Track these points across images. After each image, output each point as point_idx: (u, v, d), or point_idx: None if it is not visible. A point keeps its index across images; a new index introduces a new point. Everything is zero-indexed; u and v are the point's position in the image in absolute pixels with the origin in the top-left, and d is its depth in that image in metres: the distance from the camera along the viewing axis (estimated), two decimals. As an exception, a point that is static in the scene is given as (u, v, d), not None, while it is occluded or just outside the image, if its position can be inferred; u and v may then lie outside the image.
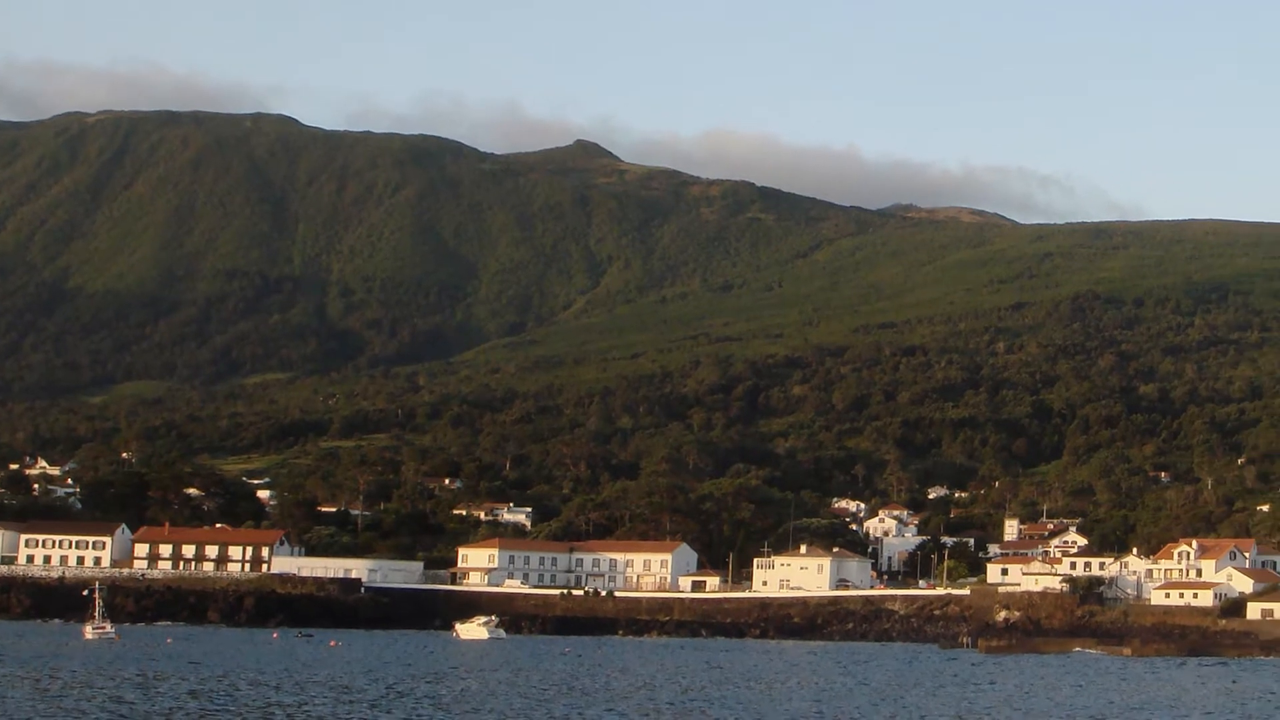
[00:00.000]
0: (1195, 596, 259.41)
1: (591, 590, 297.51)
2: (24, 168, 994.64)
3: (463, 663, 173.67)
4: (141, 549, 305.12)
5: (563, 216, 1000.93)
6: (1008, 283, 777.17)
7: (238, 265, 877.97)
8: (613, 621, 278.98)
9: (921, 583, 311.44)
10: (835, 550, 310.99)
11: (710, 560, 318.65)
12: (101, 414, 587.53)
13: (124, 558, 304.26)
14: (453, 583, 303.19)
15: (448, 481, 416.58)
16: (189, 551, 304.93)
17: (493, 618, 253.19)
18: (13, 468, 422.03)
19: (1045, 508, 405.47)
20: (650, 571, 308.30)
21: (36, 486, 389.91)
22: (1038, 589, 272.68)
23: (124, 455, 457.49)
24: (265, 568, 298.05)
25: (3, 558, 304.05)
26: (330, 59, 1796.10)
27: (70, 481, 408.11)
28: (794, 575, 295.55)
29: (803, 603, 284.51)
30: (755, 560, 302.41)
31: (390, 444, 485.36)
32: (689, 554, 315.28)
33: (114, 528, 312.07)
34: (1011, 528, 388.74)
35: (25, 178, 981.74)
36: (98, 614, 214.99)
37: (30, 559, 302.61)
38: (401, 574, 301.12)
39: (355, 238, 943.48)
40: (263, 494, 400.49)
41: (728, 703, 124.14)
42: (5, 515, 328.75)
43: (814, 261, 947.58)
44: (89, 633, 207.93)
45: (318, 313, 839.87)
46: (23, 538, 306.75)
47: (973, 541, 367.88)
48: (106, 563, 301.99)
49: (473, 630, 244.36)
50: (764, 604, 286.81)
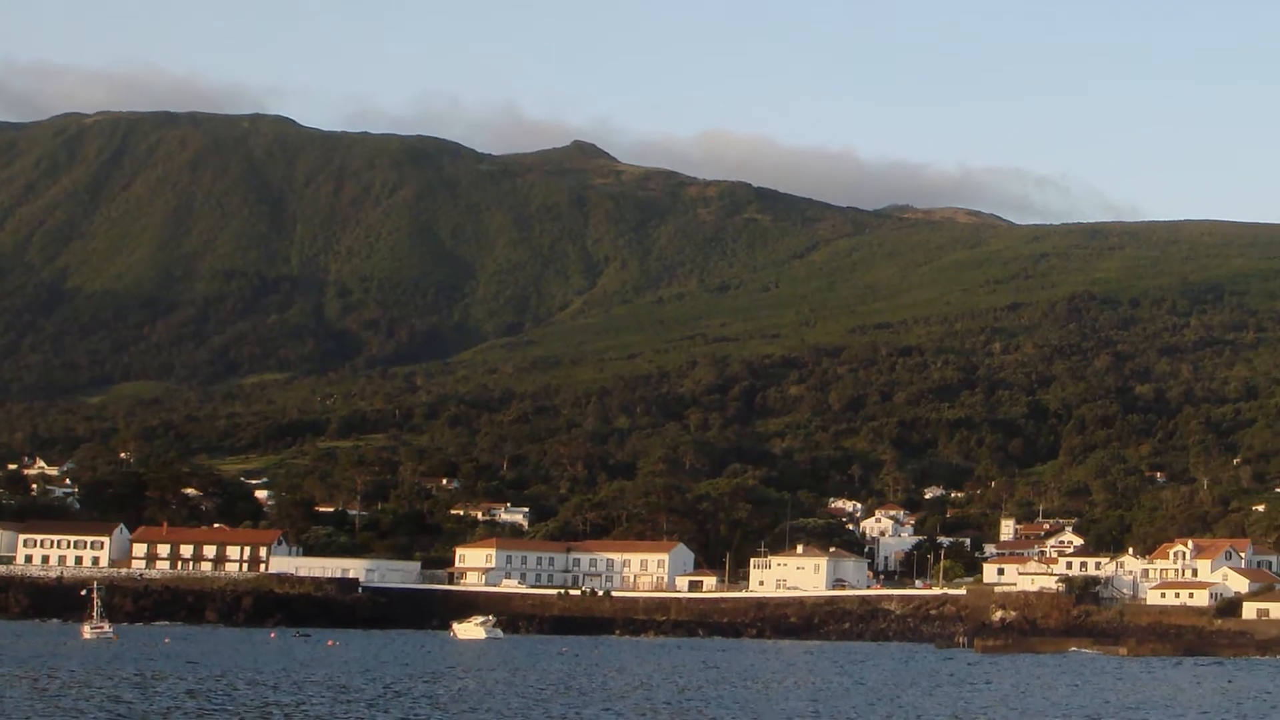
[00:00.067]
0: (1191, 596, 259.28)
1: (588, 590, 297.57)
2: (22, 168, 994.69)
3: (460, 662, 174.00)
4: (139, 549, 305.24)
5: (560, 217, 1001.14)
6: (1004, 283, 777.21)
7: (235, 266, 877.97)
8: (610, 621, 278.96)
9: (918, 582, 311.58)
10: (832, 550, 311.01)
11: (707, 560, 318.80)
12: (100, 414, 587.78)
13: (122, 558, 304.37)
14: (450, 583, 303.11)
15: (445, 481, 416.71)
16: (187, 551, 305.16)
17: (490, 617, 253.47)
18: (11, 468, 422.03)
19: (1041, 508, 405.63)
20: (647, 571, 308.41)
21: (35, 486, 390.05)
22: (1034, 589, 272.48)
23: (122, 455, 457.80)
24: (263, 568, 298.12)
25: (1, 557, 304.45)
26: (328, 60, 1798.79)
27: (68, 481, 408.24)
28: (790, 575, 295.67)
29: (799, 602, 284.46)
30: (752, 560, 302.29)
31: (388, 444, 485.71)
32: (686, 554, 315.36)
33: (112, 528, 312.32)
34: (1007, 528, 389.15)
35: (23, 178, 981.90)
36: (96, 614, 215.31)
37: (28, 559, 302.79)
38: (399, 574, 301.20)
39: (353, 238, 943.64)
40: (260, 494, 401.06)
41: (724, 702, 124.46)
42: (4, 515, 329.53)
43: (810, 262, 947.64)
44: (87, 632, 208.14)
45: (315, 313, 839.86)
46: (21, 537, 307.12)
47: (969, 541, 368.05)
48: (104, 562, 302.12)
49: (470, 630, 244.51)
50: (761, 604, 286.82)
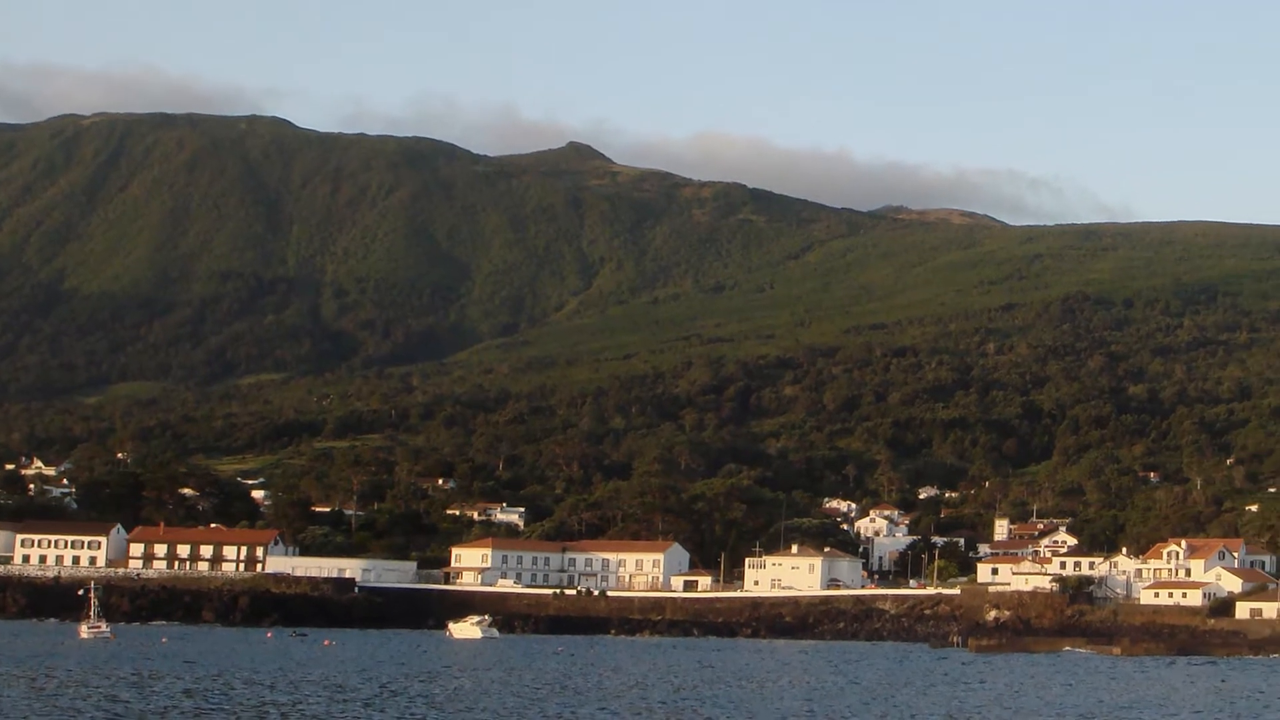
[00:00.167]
0: (1184, 596, 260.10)
1: (584, 590, 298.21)
2: (20, 169, 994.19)
3: (456, 662, 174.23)
4: (136, 549, 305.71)
5: (555, 218, 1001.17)
6: (998, 284, 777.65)
7: (232, 266, 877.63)
8: (605, 621, 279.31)
9: (912, 582, 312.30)
10: (826, 550, 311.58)
11: (702, 560, 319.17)
12: (97, 414, 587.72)
13: (119, 557, 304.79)
14: (446, 582, 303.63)
15: (441, 481, 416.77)
16: (184, 551, 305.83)
17: (486, 617, 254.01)
18: (8, 468, 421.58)
19: (1035, 508, 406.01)
20: (642, 571, 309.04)
21: (32, 486, 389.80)
22: (1028, 588, 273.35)
23: (119, 455, 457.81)
24: (260, 567, 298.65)
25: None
26: (324, 62, 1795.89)
27: (66, 481, 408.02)
28: (785, 575, 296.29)
29: (794, 602, 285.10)
30: (747, 560, 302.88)
31: (384, 444, 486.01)
32: (681, 554, 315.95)
33: (109, 527, 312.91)
34: (1001, 528, 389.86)
35: (21, 179, 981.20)
36: (93, 613, 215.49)
37: (26, 558, 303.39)
38: (395, 574, 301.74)
39: (349, 239, 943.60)
40: (257, 494, 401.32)
41: (719, 701, 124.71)
42: (1, 515, 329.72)
43: (805, 263, 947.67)
44: (84, 632, 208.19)
45: (312, 314, 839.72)
46: (18, 537, 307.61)
47: (963, 541, 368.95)
48: (102, 562, 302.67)
49: (466, 629, 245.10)
50: (756, 603, 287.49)
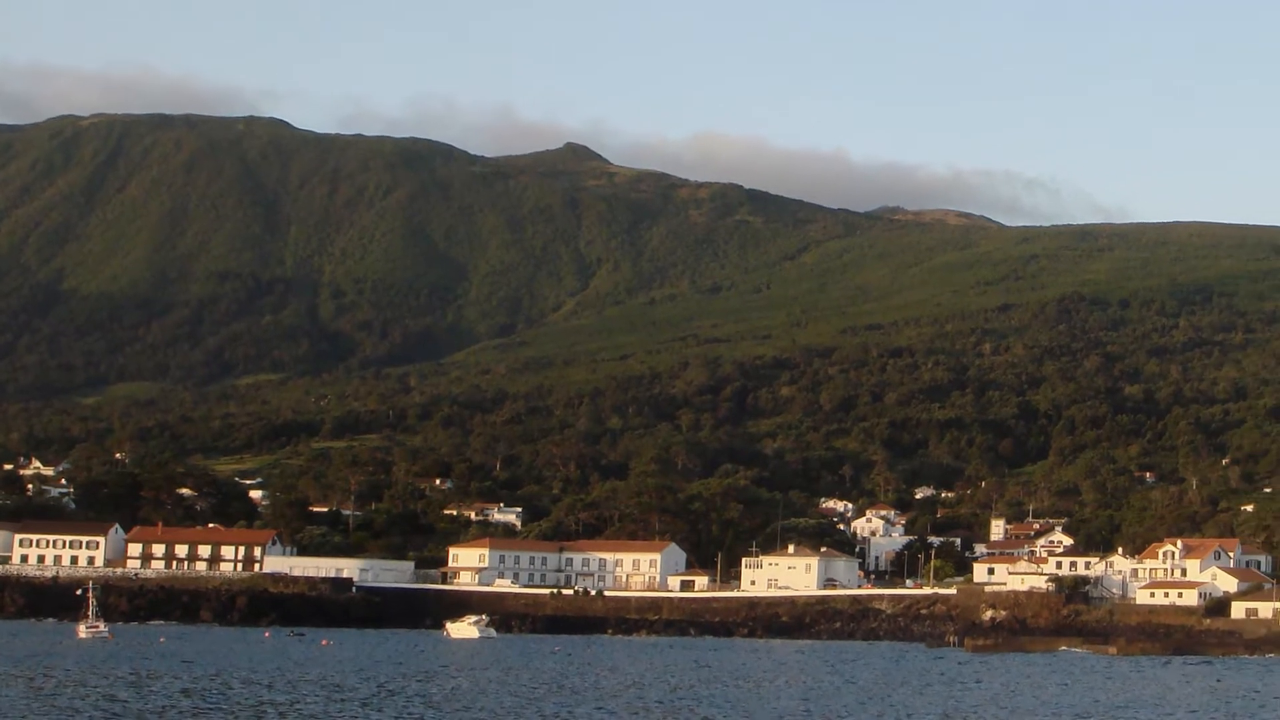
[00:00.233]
0: (1180, 596, 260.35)
1: (581, 590, 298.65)
2: (18, 170, 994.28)
3: (453, 661, 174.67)
4: (135, 549, 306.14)
5: (552, 219, 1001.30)
6: (994, 284, 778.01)
7: (230, 267, 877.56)
8: (602, 620, 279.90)
9: (908, 582, 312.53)
10: (823, 550, 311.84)
11: (699, 560, 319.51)
12: (95, 415, 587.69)
13: (117, 557, 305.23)
14: (443, 582, 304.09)
15: (438, 482, 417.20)
16: (182, 551, 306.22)
17: (483, 617, 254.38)
18: (7, 468, 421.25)
19: (1031, 508, 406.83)
20: (639, 571, 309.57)
21: (30, 486, 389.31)
22: (1024, 588, 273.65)
23: (117, 455, 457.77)
24: (257, 567, 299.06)
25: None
26: (322, 62, 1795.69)
27: (64, 481, 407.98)
28: (782, 575, 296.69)
29: (790, 602, 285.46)
30: (743, 560, 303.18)
31: (381, 444, 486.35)
32: (678, 554, 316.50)
33: (107, 527, 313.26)
34: (998, 527, 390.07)
35: (19, 180, 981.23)
36: (91, 613, 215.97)
37: (24, 558, 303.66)
38: (392, 573, 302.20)
39: (347, 240, 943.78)
40: (255, 494, 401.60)
41: (716, 701, 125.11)
42: (0, 515, 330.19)
43: (802, 263, 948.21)
44: (82, 632, 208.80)
45: (309, 314, 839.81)
46: (17, 537, 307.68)
47: (959, 541, 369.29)
48: (100, 562, 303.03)
49: (463, 629, 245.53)
50: (752, 603, 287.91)
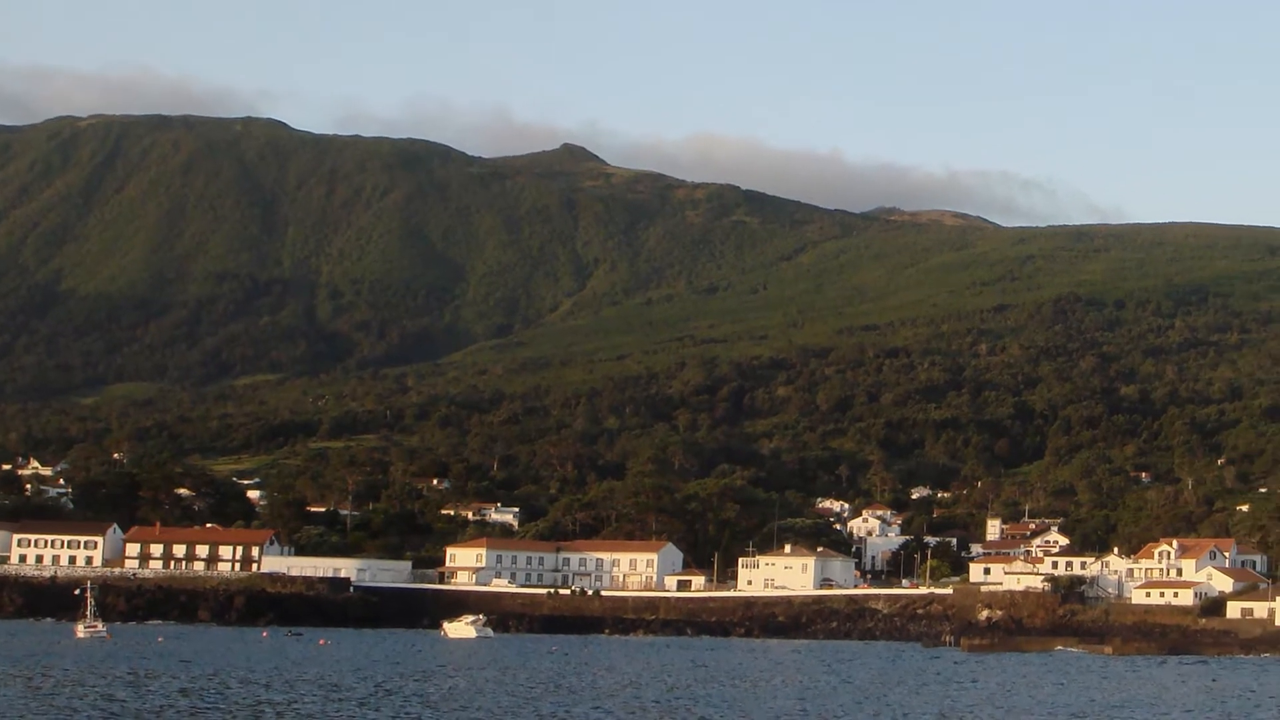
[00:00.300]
0: (1176, 596, 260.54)
1: (578, 589, 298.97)
2: (16, 171, 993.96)
3: (450, 661, 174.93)
4: (133, 548, 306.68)
5: (550, 219, 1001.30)
6: (990, 285, 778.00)
7: (228, 268, 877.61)
8: (599, 620, 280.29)
9: (905, 582, 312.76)
10: (819, 550, 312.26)
11: (696, 560, 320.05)
12: (93, 415, 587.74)
13: (115, 557, 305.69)
14: (441, 582, 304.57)
15: (436, 482, 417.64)
16: (180, 551, 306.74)
17: (480, 616, 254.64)
18: (5, 468, 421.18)
19: (1027, 508, 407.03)
20: (636, 571, 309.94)
21: (29, 486, 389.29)
22: (1020, 588, 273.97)
23: (115, 456, 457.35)
24: (255, 567, 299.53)
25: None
26: (319, 63, 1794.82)
27: (62, 482, 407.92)
28: (778, 575, 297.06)
29: (787, 602, 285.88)
30: (740, 560, 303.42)
31: (379, 445, 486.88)
32: (675, 553, 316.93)
33: (105, 527, 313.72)
34: (994, 527, 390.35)
35: (18, 181, 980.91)
36: (89, 613, 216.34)
37: (23, 558, 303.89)
38: (390, 573, 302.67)
39: (344, 240, 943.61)
40: (253, 494, 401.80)
41: (713, 700, 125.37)
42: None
43: (798, 264, 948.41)
44: (81, 631, 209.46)
45: (307, 315, 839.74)
46: (15, 537, 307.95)
47: (955, 541, 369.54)
48: (98, 562, 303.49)
49: (460, 629, 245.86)
50: (749, 603, 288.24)
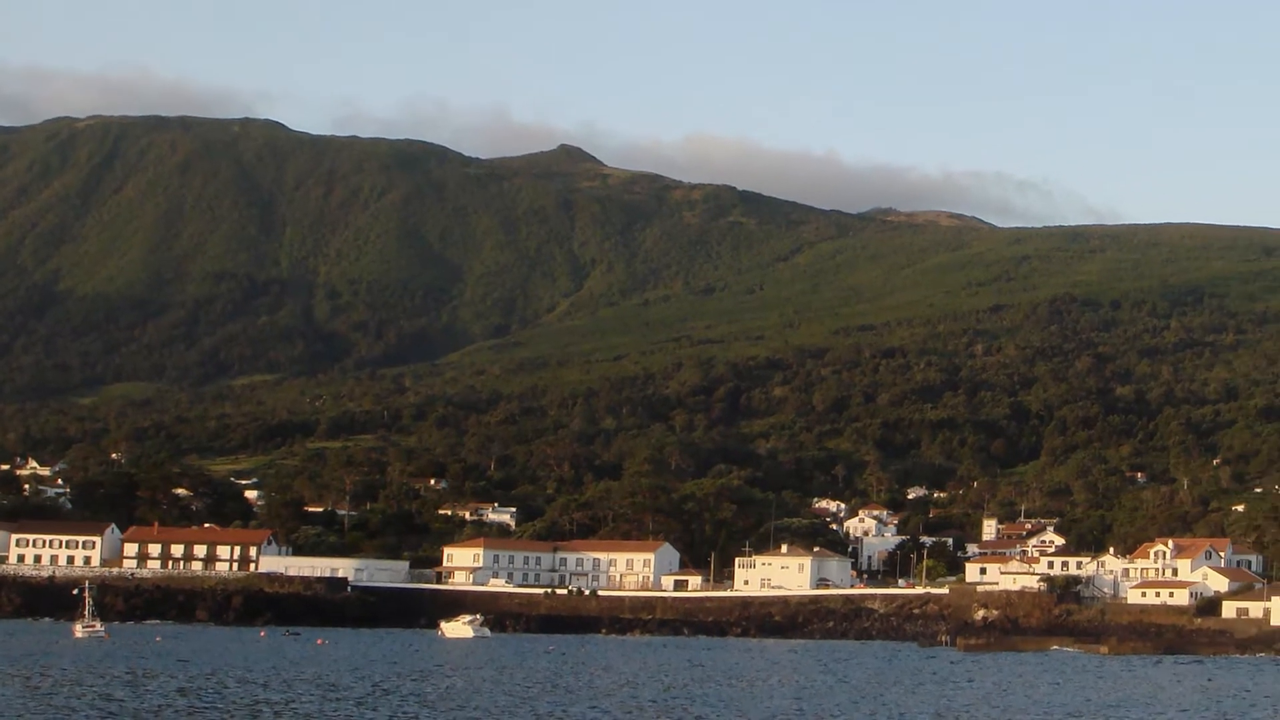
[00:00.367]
0: (1171, 595, 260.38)
1: (575, 589, 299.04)
2: (15, 172, 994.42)
3: (448, 661, 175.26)
4: (131, 548, 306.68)
5: (546, 220, 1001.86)
6: (986, 285, 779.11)
7: (226, 268, 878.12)
8: (596, 620, 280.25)
9: (901, 582, 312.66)
10: (816, 550, 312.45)
11: (692, 560, 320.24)
12: (91, 415, 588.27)
13: (113, 557, 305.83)
14: (438, 582, 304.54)
15: (433, 482, 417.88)
16: (178, 551, 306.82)
17: (477, 616, 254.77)
18: (4, 468, 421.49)
19: (1023, 508, 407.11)
20: (633, 571, 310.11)
21: (27, 486, 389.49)
22: (1015, 588, 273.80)
23: (113, 456, 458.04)
24: (253, 567, 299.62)
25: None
26: (317, 64, 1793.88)
27: (60, 482, 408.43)
28: (775, 574, 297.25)
29: (784, 601, 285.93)
30: (737, 560, 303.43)
31: (376, 445, 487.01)
32: (671, 553, 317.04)
33: (103, 527, 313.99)
34: (990, 527, 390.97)
35: (16, 181, 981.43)
36: (87, 612, 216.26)
37: (21, 558, 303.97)
38: (387, 573, 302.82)
39: (342, 241, 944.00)
40: (250, 494, 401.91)
41: (709, 700, 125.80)
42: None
43: (794, 265, 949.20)
44: (79, 631, 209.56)
45: (305, 315, 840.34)
46: (13, 537, 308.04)
47: (951, 541, 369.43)
48: (96, 562, 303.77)
49: (458, 629, 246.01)
50: (745, 603, 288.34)
